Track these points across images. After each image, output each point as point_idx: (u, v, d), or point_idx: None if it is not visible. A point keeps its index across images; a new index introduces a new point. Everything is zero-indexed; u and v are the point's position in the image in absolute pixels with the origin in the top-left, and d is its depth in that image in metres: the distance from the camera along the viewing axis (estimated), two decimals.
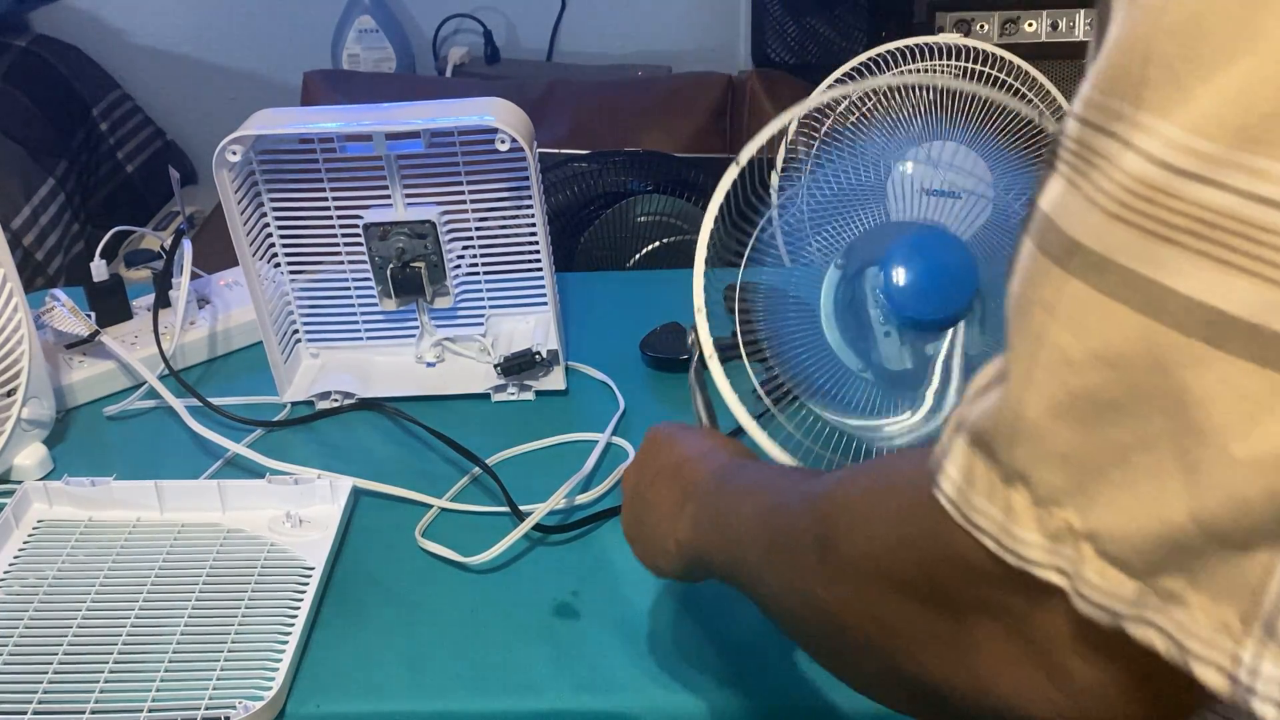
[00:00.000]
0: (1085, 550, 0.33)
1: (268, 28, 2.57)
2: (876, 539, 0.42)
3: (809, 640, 0.52)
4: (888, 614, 0.42)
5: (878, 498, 0.43)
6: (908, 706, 0.46)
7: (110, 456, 1.07)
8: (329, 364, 1.17)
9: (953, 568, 0.37)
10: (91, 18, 2.58)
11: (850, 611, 0.44)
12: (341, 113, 1.04)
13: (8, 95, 2.25)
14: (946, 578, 0.38)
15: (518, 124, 1.01)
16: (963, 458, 0.36)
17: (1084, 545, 0.33)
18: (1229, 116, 0.27)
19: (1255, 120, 0.27)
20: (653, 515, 0.68)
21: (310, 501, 0.97)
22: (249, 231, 1.06)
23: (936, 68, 1.18)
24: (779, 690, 0.80)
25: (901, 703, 0.47)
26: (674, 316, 1.18)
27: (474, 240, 1.11)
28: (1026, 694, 0.37)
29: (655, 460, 0.70)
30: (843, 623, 0.45)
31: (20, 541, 0.94)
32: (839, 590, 0.44)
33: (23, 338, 1.02)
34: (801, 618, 0.50)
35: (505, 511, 0.96)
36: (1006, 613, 0.37)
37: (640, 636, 0.84)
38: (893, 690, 0.46)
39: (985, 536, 0.35)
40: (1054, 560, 0.34)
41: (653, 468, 0.70)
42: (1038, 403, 0.33)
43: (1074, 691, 0.36)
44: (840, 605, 0.45)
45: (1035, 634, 0.36)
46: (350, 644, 0.85)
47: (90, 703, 0.79)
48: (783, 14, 2.28)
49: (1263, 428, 0.28)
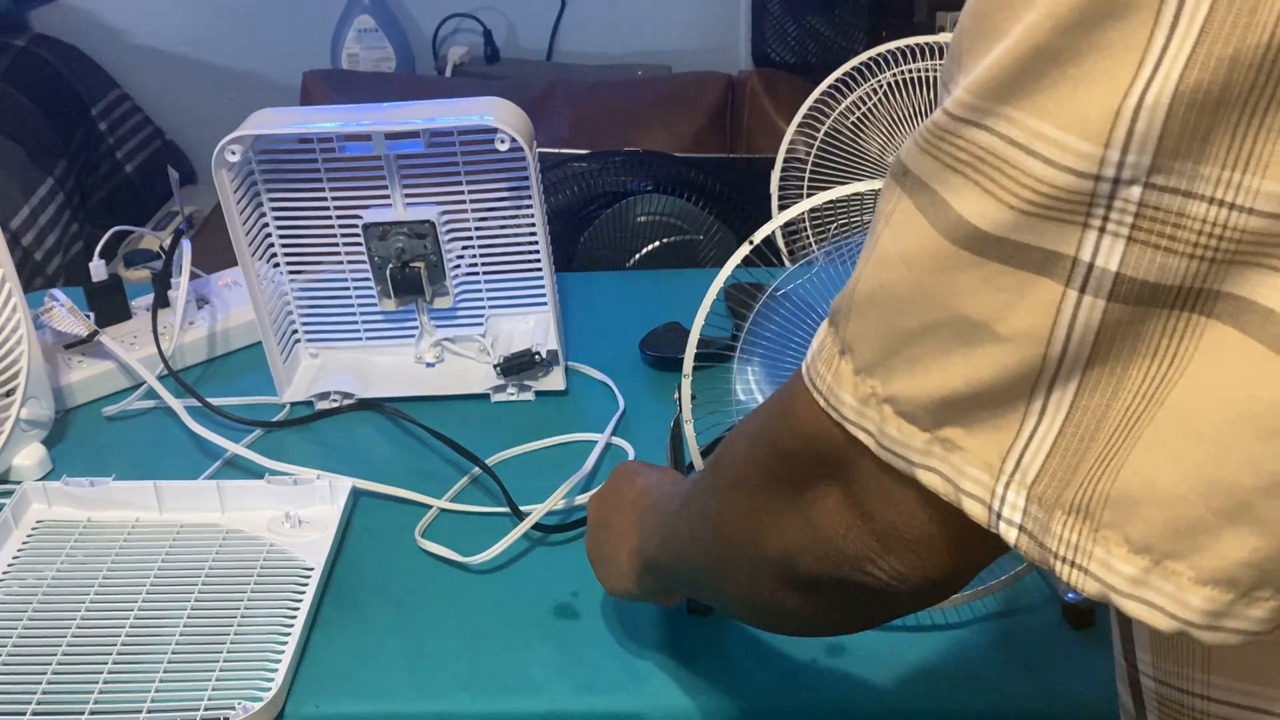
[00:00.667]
0: (886, 410, 0.41)
1: (267, 28, 2.57)
2: (748, 437, 0.51)
3: (702, 574, 0.60)
4: (755, 500, 0.50)
5: (755, 412, 0.52)
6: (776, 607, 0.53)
7: (109, 457, 1.07)
8: (328, 364, 1.17)
9: (795, 436, 0.45)
10: (91, 17, 2.58)
11: (725, 509, 0.53)
12: (341, 113, 1.04)
13: (7, 95, 2.24)
14: (791, 447, 0.46)
15: (518, 124, 1.01)
16: (822, 332, 0.44)
17: (885, 407, 0.41)
18: (989, 78, 0.36)
19: (1004, 81, 0.35)
20: (611, 539, 0.74)
21: (309, 502, 0.97)
22: (248, 231, 1.06)
23: (936, 68, 1.18)
24: (779, 690, 0.80)
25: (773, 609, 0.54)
26: (674, 316, 1.18)
27: (474, 240, 1.11)
28: (852, 540, 0.45)
29: (618, 491, 0.76)
30: (724, 527, 0.53)
31: (19, 542, 0.94)
32: (722, 492, 0.54)
33: (22, 338, 1.02)
34: (699, 543, 0.57)
35: (505, 511, 0.95)
36: (833, 468, 0.44)
37: (640, 636, 0.84)
38: (765, 591, 0.52)
39: (818, 395, 0.43)
40: (862, 420, 0.42)
41: (614, 497, 0.76)
42: (863, 289, 0.41)
43: (879, 532, 0.44)
44: (720, 507, 0.54)
45: (851, 483, 0.44)
46: (350, 644, 0.85)
47: (89, 703, 0.78)
48: (783, 14, 2.28)
49: (1015, 312, 0.36)
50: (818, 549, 0.47)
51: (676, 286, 1.15)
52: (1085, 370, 0.36)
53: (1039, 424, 0.38)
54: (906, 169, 0.39)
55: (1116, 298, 0.35)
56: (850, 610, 0.51)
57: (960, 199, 0.37)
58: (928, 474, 0.40)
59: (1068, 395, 0.37)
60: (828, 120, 1.21)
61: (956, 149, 0.37)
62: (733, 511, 0.52)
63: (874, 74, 1.19)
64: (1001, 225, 0.36)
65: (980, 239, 0.36)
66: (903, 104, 1.20)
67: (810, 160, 1.22)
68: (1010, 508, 0.39)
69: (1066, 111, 0.34)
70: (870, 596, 0.47)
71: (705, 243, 1.63)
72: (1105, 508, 0.37)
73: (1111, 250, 0.34)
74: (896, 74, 1.19)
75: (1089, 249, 0.35)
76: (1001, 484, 0.39)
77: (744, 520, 0.51)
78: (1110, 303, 0.35)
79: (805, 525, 0.47)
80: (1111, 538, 0.37)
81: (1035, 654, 0.81)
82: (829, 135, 1.21)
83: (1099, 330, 0.35)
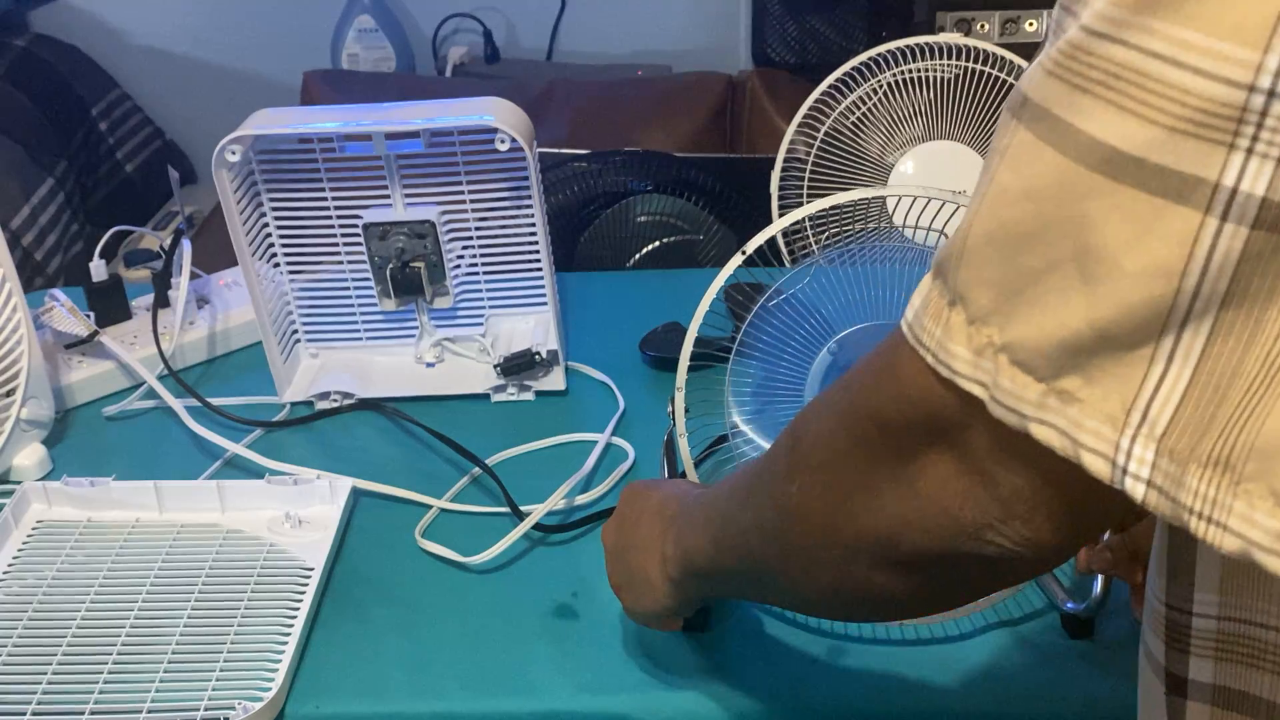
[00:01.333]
0: (1001, 361, 0.38)
1: (268, 28, 2.57)
2: (834, 414, 0.49)
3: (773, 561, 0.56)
4: (846, 479, 0.47)
5: (832, 388, 0.50)
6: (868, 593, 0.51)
7: (109, 457, 1.07)
8: (328, 364, 1.17)
9: (899, 403, 0.43)
10: (91, 17, 2.58)
11: (809, 495, 0.50)
12: (341, 112, 1.04)
13: (7, 95, 2.24)
14: (894, 415, 0.44)
15: (518, 124, 1.01)
16: (924, 286, 0.42)
17: (1000, 356, 0.38)
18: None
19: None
20: (637, 555, 0.71)
21: (310, 502, 0.97)
22: (248, 231, 1.06)
23: (936, 68, 1.18)
24: (778, 692, 0.80)
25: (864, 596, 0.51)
26: (674, 316, 1.18)
27: (474, 240, 1.11)
28: (970, 508, 0.43)
29: (634, 508, 0.73)
30: (805, 514, 0.50)
31: (19, 542, 0.94)
32: (801, 476, 0.50)
33: (22, 338, 1.02)
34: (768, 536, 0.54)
35: (505, 511, 0.95)
36: (943, 434, 0.42)
37: (640, 636, 0.84)
38: (858, 576, 0.50)
39: (926, 351, 0.41)
40: (976, 374, 0.39)
41: (633, 514, 0.73)
42: (978, 232, 0.39)
43: (1002, 497, 0.42)
44: (801, 493, 0.50)
45: (966, 447, 0.42)
46: (350, 644, 0.85)
47: (89, 703, 0.78)
48: (783, 14, 2.28)
49: (1145, 244, 0.34)
50: (928, 522, 0.44)
51: (676, 286, 1.15)
52: (1220, 309, 0.34)
53: (1167, 370, 0.36)
54: (1025, 99, 0.37)
55: (1261, 225, 0.33)
56: (955, 585, 0.49)
57: (1092, 121, 0.35)
58: (1042, 428, 0.38)
59: (1199, 338, 0.35)
60: (828, 120, 1.21)
61: (1089, 68, 0.35)
62: (818, 496, 0.49)
63: (874, 74, 1.19)
64: (1141, 144, 0.34)
65: (1115, 161, 0.34)
66: (903, 104, 1.20)
67: (810, 160, 1.22)
68: (1137, 462, 0.37)
69: (1219, 18, 0.32)
70: (982, 567, 0.45)
71: (705, 243, 1.63)
72: (1248, 459, 0.35)
73: (1259, 173, 0.32)
74: (896, 74, 1.19)
75: (1234, 172, 0.33)
76: (1127, 437, 0.37)
77: (833, 503, 0.48)
78: (1254, 231, 0.33)
79: (912, 498, 0.45)
80: (1255, 491, 0.35)
81: (1034, 664, 0.81)
82: (829, 135, 1.22)
83: (1238, 263, 0.33)
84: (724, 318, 0.94)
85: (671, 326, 1.18)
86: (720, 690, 0.80)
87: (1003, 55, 1.16)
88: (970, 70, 1.17)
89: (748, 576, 0.61)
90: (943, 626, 0.84)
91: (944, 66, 1.18)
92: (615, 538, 0.74)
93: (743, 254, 0.82)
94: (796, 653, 0.82)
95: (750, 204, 1.61)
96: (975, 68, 1.17)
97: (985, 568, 0.45)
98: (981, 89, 1.18)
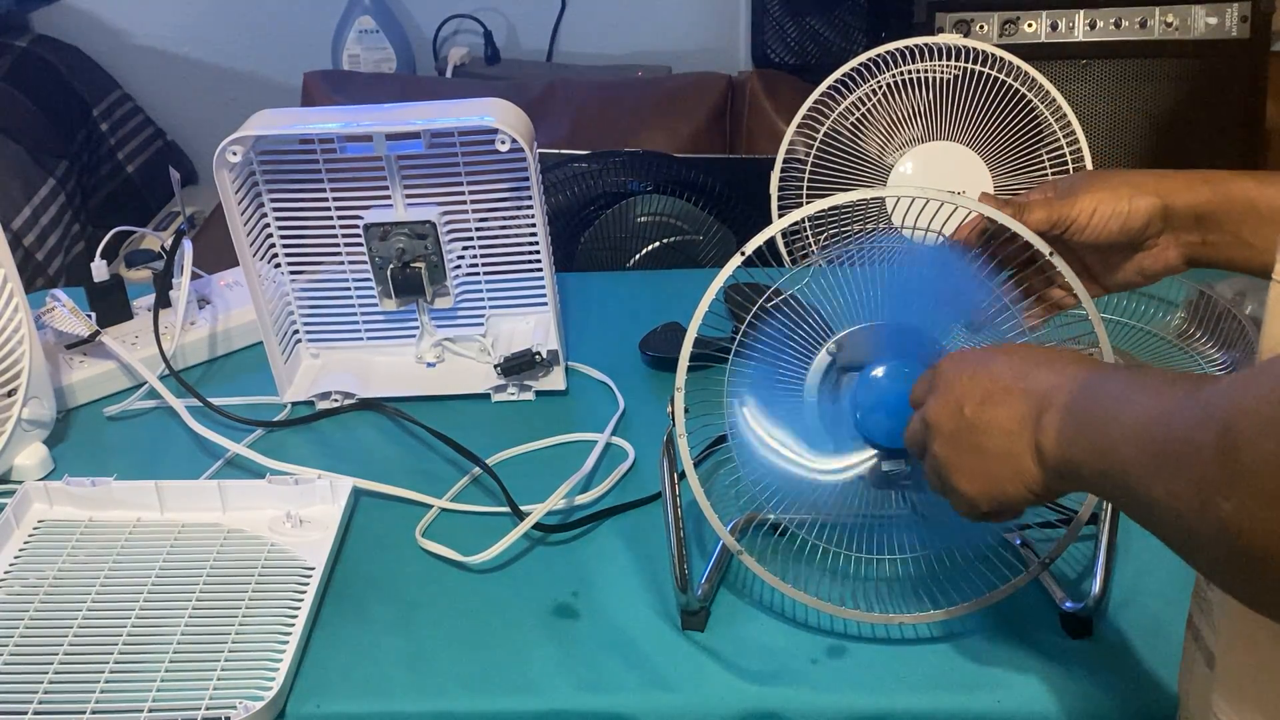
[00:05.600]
0: None
1: (268, 28, 2.57)
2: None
3: (1191, 549, 0.51)
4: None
5: (1276, 390, 0.43)
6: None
7: (110, 457, 1.07)
8: (329, 364, 1.17)
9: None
10: (91, 18, 2.58)
11: (1256, 523, 0.44)
12: (341, 113, 1.04)
13: (8, 95, 2.25)
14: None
15: (518, 124, 1.01)
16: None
17: None
18: None
19: None
20: (995, 439, 0.65)
21: (310, 502, 0.97)
22: (249, 232, 1.06)
23: (936, 68, 1.18)
24: (778, 691, 0.80)
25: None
26: (674, 316, 1.18)
27: (474, 240, 1.11)
28: None
29: (972, 388, 0.67)
30: (1243, 535, 0.45)
31: (21, 542, 0.95)
32: (1244, 499, 0.44)
33: (23, 338, 1.02)
34: (1192, 529, 0.49)
35: (505, 511, 0.96)
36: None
37: (640, 636, 0.84)
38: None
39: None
40: None
41: (974, 395, 0.66)
42: None
43: None
44: (1243, 517, 0.44)
45: None
46: (350, 644, 0.85)
47: (91, 703, 0.79)
48: (783, 14, 2.28)
49: None
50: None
51: (676, 286, 1.15)
52: None
53: None
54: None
55: None
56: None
57: None
58: None
59: None
60: (827, 121, 1.21)
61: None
62: (1259, 523, 0.44)
63: (873, 75, 1.19)
64: None
65: None
66: (902, 105, 1.21)
67: (810, 161, 1.22)
68: None
69: None
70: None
71: (705, 243, 1.63)
72: None
73: None
74: (896, 75, 1.19)
75: None
76: None
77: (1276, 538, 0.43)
78: None
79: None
80: None
81: (1033, 664, 0.81)
82: (828, 136, 1.22)
83: None
84: (724, 318, 0.94)
85: (671, 326, 1.18)
86: (720, 690, 0.80)
87: (1001, 56, 1.16)
88: (969, 71, 1.17)
89: (1148, 523, 0.54)
90: (943, 626, 0.84)
91: (943, 67, 1.18)
92: (953, 417, 0.67)
93: (742, 255, 0.82)
94: (796, 653, 0.83)
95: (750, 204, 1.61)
96: (974, 68, 1.17)
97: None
98: (980, 90, 1.18)
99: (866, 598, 0.84)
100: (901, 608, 0.83)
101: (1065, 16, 1.85)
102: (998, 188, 1.20)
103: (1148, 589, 0.86)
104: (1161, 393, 0.53)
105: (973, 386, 0.67)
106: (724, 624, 0.85)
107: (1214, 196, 0.77)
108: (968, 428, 0.66)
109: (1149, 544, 0.89)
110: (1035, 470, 0.63)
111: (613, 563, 0.91)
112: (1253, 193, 0.76)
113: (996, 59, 1.17)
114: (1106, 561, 0.83)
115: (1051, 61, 1.64)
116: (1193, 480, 0.48)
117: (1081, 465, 0.59)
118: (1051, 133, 1.18)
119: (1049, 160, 1.19)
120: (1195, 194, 0.77)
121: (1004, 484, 0.65)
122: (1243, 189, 0.76)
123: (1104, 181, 0.79)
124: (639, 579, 0.90)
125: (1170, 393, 0.53)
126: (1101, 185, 0.79)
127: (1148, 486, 0.52)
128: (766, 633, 0.84)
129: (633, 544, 0.93)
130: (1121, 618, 0.84)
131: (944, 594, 0.84)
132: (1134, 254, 0.81)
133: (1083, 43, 1.86)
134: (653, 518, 0.96)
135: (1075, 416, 0.60)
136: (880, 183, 1.21)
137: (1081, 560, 0.89)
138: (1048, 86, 1.16)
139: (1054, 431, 0.61)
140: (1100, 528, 0.84)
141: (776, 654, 0.83)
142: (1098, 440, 0.57)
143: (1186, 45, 1.84)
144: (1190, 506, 0.48)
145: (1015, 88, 1.17)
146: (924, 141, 1.21)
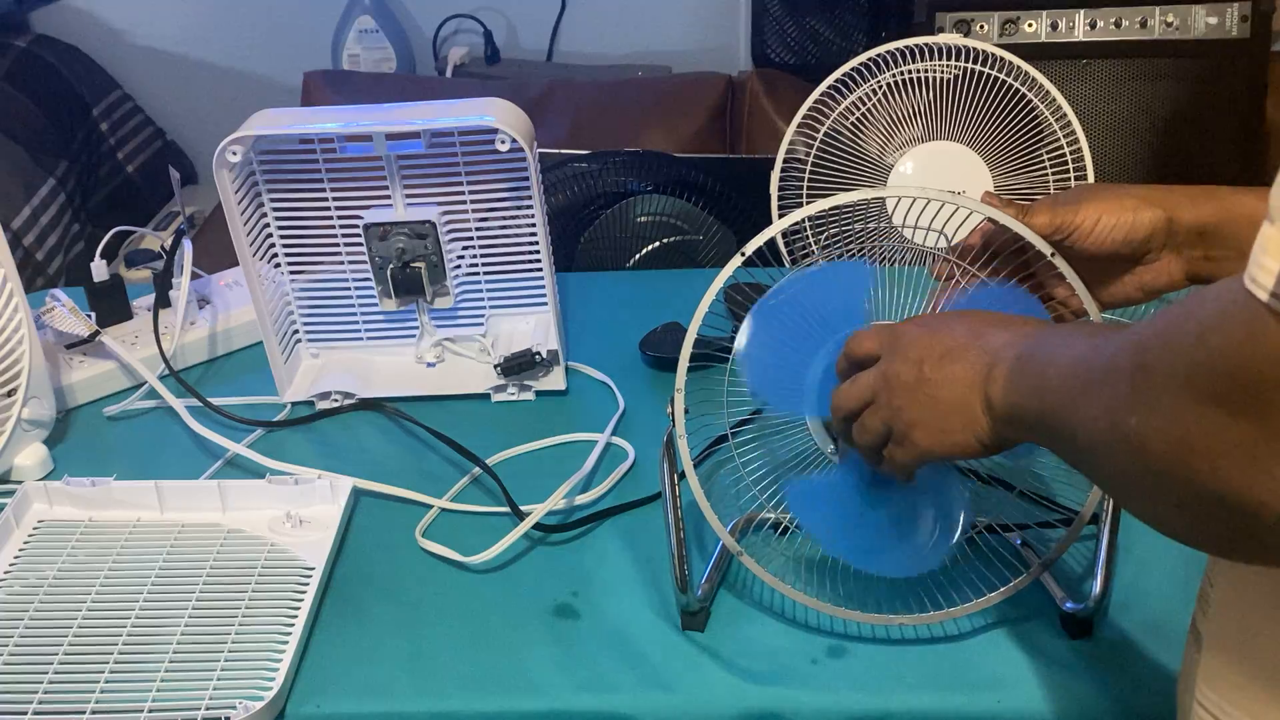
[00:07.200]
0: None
1: (268, 28, 2.57)
2: (1187, 354, 0.45)
3: (1107, 474, 0.54)
4: (1193, 430, 0.44)
5: (1189, 318, 0.46)
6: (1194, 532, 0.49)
7: (110, 456, 1.07)
8: (329, 364, 1.17)
9: (1263, 362, 0.40)
10: (91, 18, 2.58)
11: (1154, 435, 0.47)
12: (341, 113, 1.04)
13: (8, 95, 2.25)
14: (1256, 376, 0.41)
15: (518, 124, 1.01)
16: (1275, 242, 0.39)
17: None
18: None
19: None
20: (951, 391, 0.68)
21: (310, 501, 0.97)
22: (249, 231, 1.06)
23: (936, 68, 1.18)
24: (779, 691, 0.80)
25: (1188, 529, 0.50)
26: (674, 316, 1.18)
27: (474, 240, 1.11)
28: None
29: (930, 346, 0.70)
30: (1145, 448, 0.47)
31: (20, 542, 0.95)
32: (1147, 414, 0.47)
33: (23, 338, 1.02)
34: (1106, 451, 0.52)
35: (505, 511, 0.96)
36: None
37: (640, 637, 0.84)
38: (1185, 517, 0.48)
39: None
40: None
41: (933, 352, 0.69)
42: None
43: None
44: (1146, 429, 0.47)
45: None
46: (350, 644, 0.85)
47: (90, 703, 0.79)
48: (783, 14, 2.28)
49: None
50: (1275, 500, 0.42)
51: (676, 286, 1.15)
52: None
53: None
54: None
55: None
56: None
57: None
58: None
59: None
60: (827, 121, 1.21)
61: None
62: (1162, 437, 0.47)
63: (874, 74, 1.19)
64: None
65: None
66: (902, 104, 1.20)
67: (810, 161, 1.22)
68: None
69: None
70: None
71: (705, 243, 1.63)
72: None
73: None
74: (896, 74, 1.19)
75: None
76: None
77: (1177, 449, 0.46)
78: None
79: (1263, 471, 0.42)
80: None
81: (1033, 664, 0.81)
82: (829, 136, 1.22)
83: None
84: (724, 318, 0.94)
85: (671, 326, 1.18)
86: (720, 690, 0.80)
87: (1002, 56, 1.16)
88: (969, 71, 1.17)
89: (1075, 457, 0.58)
90: (943, 626, 0.84)
91: (943, 67, 1.18)
92: (912, 371, 0.70)
93: (742, 255, 0.82)
94: (796, 653, 0.83)
95: (750, 204, 1.61)
96: (974, 68, 1.17)
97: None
98: (981, 90, 1.18)
99: (866, 598, 0.84)
100: (901, 608, 0.83)
101: (1065, 16, 1.85)
102: (998, 187, 1.20)
103: (1148, 589, 0.87)
104: (1097, 332, 0.57)
105: (934, 344, 0.70)
106: (724, 624, 0.85)
107: (1218, 212, 0.77)
108: (926, 381, 0.69)
109: (1150, 544, 0.89)
110: (984, 420, 0.66)
111: (612, 563, 0.92)
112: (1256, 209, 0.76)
113: (997, 59, 1.16)
114: (1107, 562, 0.83)
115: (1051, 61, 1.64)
116: (1105, 403, 0.51)
117: (1024, 409, 0.62)
118: (1051, 133, 1.18)
119: (1049, 160, 1.19)
120: (1199, 209, 0.78)
121: (955, 434, 0.68)
122: (1247, 205, 0.76)
123: (1108, 192, 0.80)
124: (639, 579, 0.90)
125: (1106, 332, 0.55)
126: (1106, 196, 0.80)
127: (1072, 417, 0.55)
128: (766, 633, 0.84)
129: (633, 544, 0.93)
130: (1122, 618, 0.84)
131: (944, 594, 0.84)
132: (1134, 267, 0.81)
133: (1083, 43, 1.86)
134: (653, 518, 0.96)
135: (1020, 364, 0.63)
136: (880, 183, 1.21)
137: (1082, 561, 0.89)
138: (1048, 86, 1.16)
139: (1001, 381, 0.64)
140: (1101, 528, 0.84)
141: (776, 654, 0.83)
142: (1036, 382, 0.61)
143: (1186, 45, 1.84)
144: (1102, 428, 0.51)
145: (1015, 87, 1.17)
146: (924, 141, 1.21)
